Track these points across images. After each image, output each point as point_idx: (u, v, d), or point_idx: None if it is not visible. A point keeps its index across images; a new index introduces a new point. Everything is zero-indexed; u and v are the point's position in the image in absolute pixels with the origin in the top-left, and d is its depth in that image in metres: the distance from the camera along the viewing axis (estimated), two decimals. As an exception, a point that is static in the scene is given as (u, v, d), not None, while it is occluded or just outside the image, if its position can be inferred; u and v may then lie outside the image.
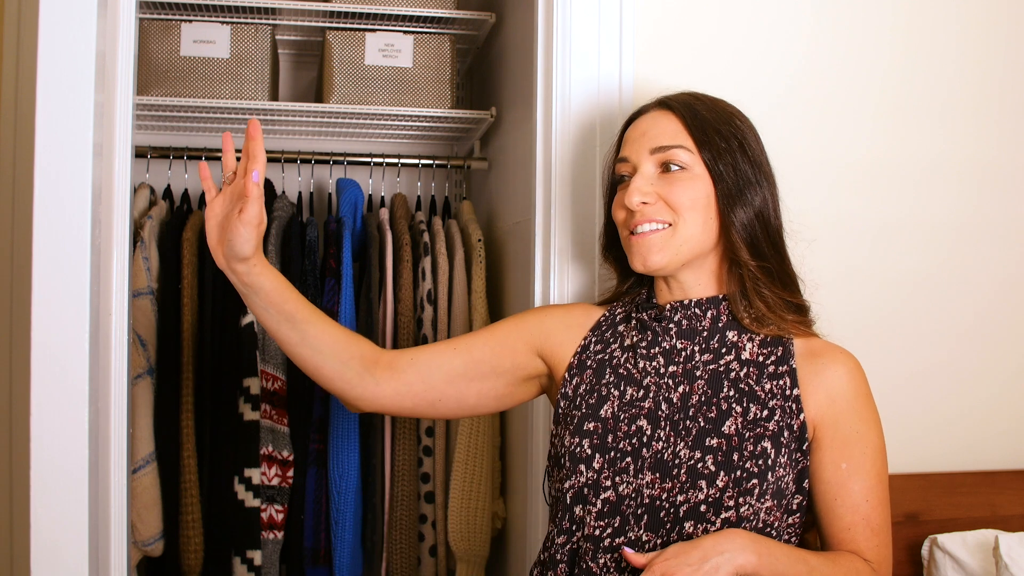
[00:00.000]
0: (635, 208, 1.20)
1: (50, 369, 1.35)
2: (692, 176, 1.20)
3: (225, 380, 2.08)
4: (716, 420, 1.17)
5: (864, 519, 1.17)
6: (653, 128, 1.23)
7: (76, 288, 1.36)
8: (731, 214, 1.19)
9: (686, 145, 1.20)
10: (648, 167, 1.22)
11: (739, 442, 1.15)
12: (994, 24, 1.77)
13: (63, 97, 1.35)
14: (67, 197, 1.35)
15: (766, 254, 1.21)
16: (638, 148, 1.23)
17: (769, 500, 1.14)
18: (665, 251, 1.20)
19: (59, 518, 1.35)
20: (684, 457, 1.15)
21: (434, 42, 2.36)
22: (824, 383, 1.19)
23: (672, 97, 1.26)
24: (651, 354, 1.24)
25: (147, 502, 1.97)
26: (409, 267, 2.22)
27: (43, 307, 1.34)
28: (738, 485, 1.13)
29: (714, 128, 1.21)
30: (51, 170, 1.35)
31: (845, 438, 1.18)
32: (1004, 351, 1.77)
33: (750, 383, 1.19)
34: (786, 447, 1.16)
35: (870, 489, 1.18)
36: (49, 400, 1.35)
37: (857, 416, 1.19)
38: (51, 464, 1.35)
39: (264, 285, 1.18)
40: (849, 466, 1.17)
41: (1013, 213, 1.77)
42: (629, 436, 1.18)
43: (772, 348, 1.22)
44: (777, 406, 1.17)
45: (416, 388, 1.28)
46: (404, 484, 2.17)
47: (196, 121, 2.39)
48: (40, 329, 1.34)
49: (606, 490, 1.17)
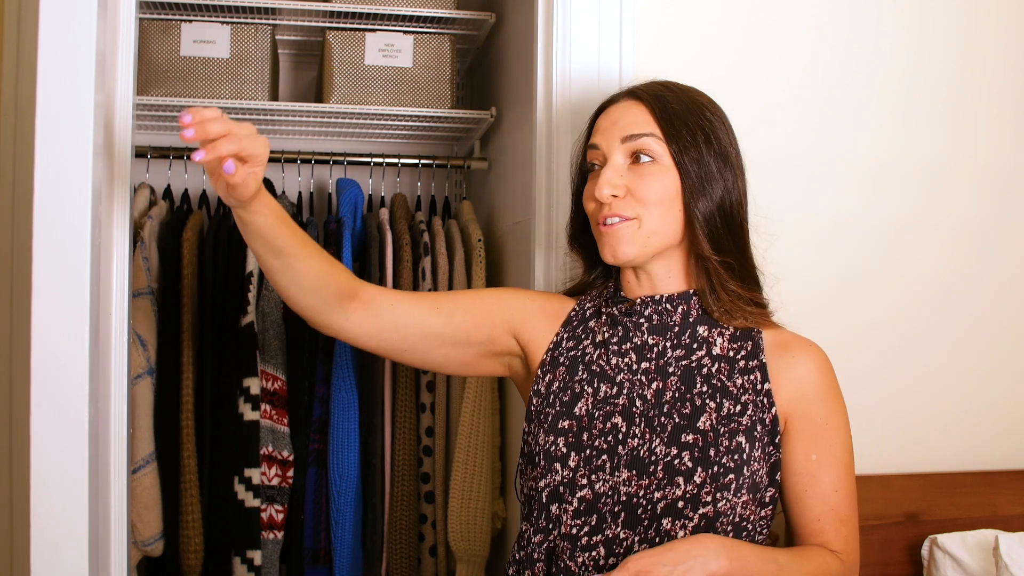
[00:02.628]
0: (605, 200, 1.20)
1: (50, 369, 1.34)
2: (661, 168, 1.20)
3: (225, 380, 2.08)
4: (691, 416, 1.18)
5: (833, 509, 1.19)
6: (624, 118, 1.23)
7: (76, 288, 1.35)
8: (694, 207, 1.19)
9: (656, 134, 1.20)
10: (619, 157, 1.22)
11: (715, 437, 1.15)
12: (994, 24, 1.77)
13: (63, 97, 1.35)
14: (67, 197, 1.35)
15: (728, 248, 1.21)
16: (609, 137, 1.23)
17: (745, 494, 1.15)
18: (634, 243, 1.20)
19: (59, 518, 1.35)
20: (660, 454, 1.16)
21: (434, 42, 2.36)
22: (794, 376, 1.21)
23: (642, 87, 1.26)
24: (623, 350, 1.24)
25: (147, 502, 1.97)
26: (409, 267, 2.22)
27: (43, 307, 1.34)
28: (715, 480, 1.14)
29: (682, 120, 1.21)
30: (51, 170, 1.35)
31: (814, 429, 1.19)
32: (1004, 351, 1.77)
33: (722, 379, 1.20)
34: (759, 441, 1.17)
35: (839, 480, 1.19)
36: (49, 400, 1.34)
37: (825, 408, 1.20)
38: (51, 464, 1.34)
39: (256, 222, 1.18)
40: (819, 457, 1.19)
41: (1013, 214, 1.77)
42: (604, 434, 1.19)
43: (742, 342, 1.23)
44: (749, 401, 1.18)
45: (387, 333, 1.28)
46: (404, 484, 2.17)
47: (196, 121, 2.38)
48: (40, 329, 1.34)
49: (582, 488, 1.17)
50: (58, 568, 1.34)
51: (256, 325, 2.04)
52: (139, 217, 2.11)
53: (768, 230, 1.38)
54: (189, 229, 2.14)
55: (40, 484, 1.34)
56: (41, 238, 1.35)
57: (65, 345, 1.35)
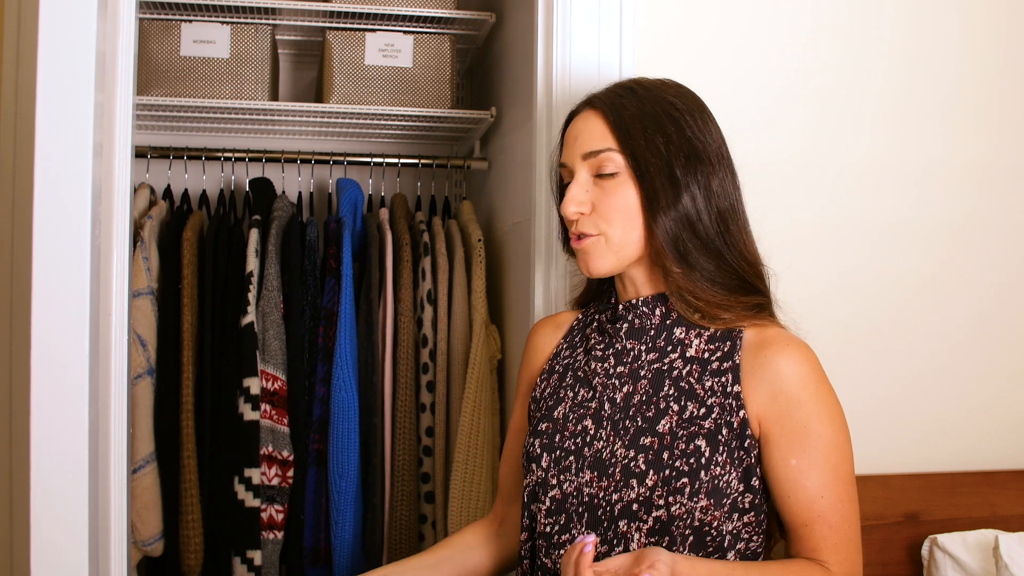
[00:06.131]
0: (572, 218, 1.20)
1: (50, 369, 1.35)
2: (621, 182, 1.18)
3: (225, 380, 2.08)
4: (652, 419, 1.17)
5: (819, 516, 1.12)
6: (584, 132, 1.21)
7: (76, 288, 1.35)
8: (653, 221, 1.16)
9: (613, 147, 1.18)
10: (583, 174, 1.21)
11: (671, 440, 1.14)
12: (994, 24, 1.76)
13: (63, 97, 1.35)
14: (67, 197, 1.35)
15: (694, 260, 1.16)
16: (572, 154, 1.22)
17: (704, 499, 1.10)
18: (605, 258, 1.20)
19: (59, 518, 1.35)
20: (620, 456, 1.16)
21: (434, 42, 2.36)
22: (766, 378, 1.14)
23: (601, 94, 1.24)
24: (604, 355, 1.25)
25: (147, 502, 1.97)
26: (409, 267, 2.22)
27: (43, 307, 1.34)
28: (667, 484, 1.11)
29: (640, 126, 1.17)
30: (51, 170, 1.35)
31: (792, 433, 1.12)
32: (1004, 351, 1.77)
33: (691, 381, 1.18)
34: (725, 445, 1.12)
35: (824, 485, 1.12)
36: (49, 400, 1.35)
37: (803, 410, 1.12)
38: (51, 464, 1.35)
39: None
40: (799, 462, 1.12)
41: (1013, 214, 1.77)
42: (575, 436, 1.20)
43: (720, 343, 1.19)
44: (716, 403, 1.15)
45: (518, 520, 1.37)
46: (404, 484, 2.17)
47: (196, 121, 2.39)
48: (40, 329, 1.34)
49: (552, 488, 1.19)
50: (58, 568, 1.34)
51: (256, 325, 2.04)
52: (139, 217, 2.11)
53: (768, 230, 1.38)
54: (189, 229, 2.14)
55: (40, 484, 1.34)
56: (41, 238, 1.35)
57: (65, 345, 1.35)
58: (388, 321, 2.19)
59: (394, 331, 2.19)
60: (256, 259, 2.07)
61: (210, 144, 2.49)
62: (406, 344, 2.19)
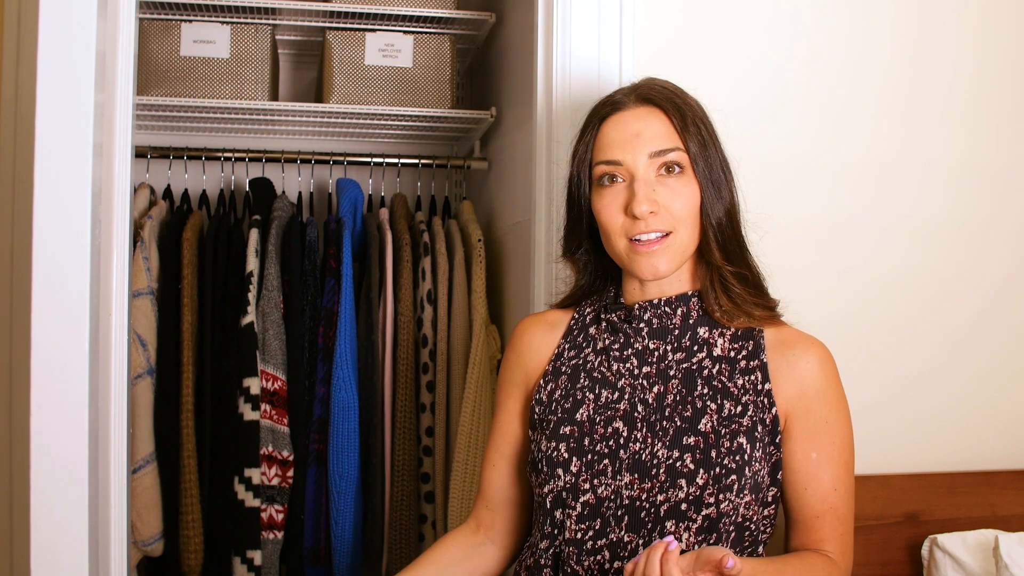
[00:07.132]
0: (643, 217, 1.16)
1: (50, 369, 1.35)
2: (688, 181, 1.18)
3: (225, 380, 2.08)
4: (692, 419, 1.17)
5: (832, 508, 1.18)
6: (647, 129, 1.19)
7: (76, 288, 1.36)
8: (711, 217, 1.19)
9: (680, 147, 1.18)
10: (649, 172, 1.18)
11: (716, 439, 1.15)
12: (994, 24, 1.76)
13: (63, 97, 1.35)
14: (67, 197, 1.35)
15: (734, 251, 1.21)
16: (633, 151, 1.18)
17: (748, 495, 1.14)
18: (672, 259, 1.19)
19: (59, 518, 1.35)
20: (662, 457, 1.16)
21: (434, 42, 2.36)
22: (795, 375, 1.19)
23: (653, 91, 1.22)
24: (624, 356, 1.24)
25: (147, 502, 1.97)
26: (409, 267, 2.22)
27: (43, 307, 1.34)
28: (718, 482, 1.13)
29: (696, 127, 1.19)
30: (51, 170, 1.35)
31: (815, 428, 1.18)
32: (1004, 351, 1.77)
33: (723, 380, 1.20)
34: (760, 441, 1.16)
35: (838, 478, 1.19)
36: (49, 400, 1.35)
37: (827, 406, 1.19)
38: (51, 464, 1.35)
39: None
40: (819, 455, 1.18)
41: (1013, 214, 1.77)
42: (606, 438, 1.18)
43: (743, 342, 1.22)
44: (750, 401, 1.18)
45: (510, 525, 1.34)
46: (404, 484, 2.17)
47: (196, 121, 2.39)
48: (40, 329, 1.34)
49: (585, 493, 1.17)
50: (58, 568, 1.34)
51: (256, 325, 2.04)
52: (139, 217, 2.11)
53: (768, 230, 1.38)
54: (189, 229, 2.14)
55: (40, 484, 1.34)
56: (41, 238, 1.35)
57: (65, 345, 1.35)
58: (388, 321, 2.19)
59: (394, 331, 2.20)
60: (256, 259, 2.07)
61: (210, 144, 2.49)
62: (406, 344, 2.19)
